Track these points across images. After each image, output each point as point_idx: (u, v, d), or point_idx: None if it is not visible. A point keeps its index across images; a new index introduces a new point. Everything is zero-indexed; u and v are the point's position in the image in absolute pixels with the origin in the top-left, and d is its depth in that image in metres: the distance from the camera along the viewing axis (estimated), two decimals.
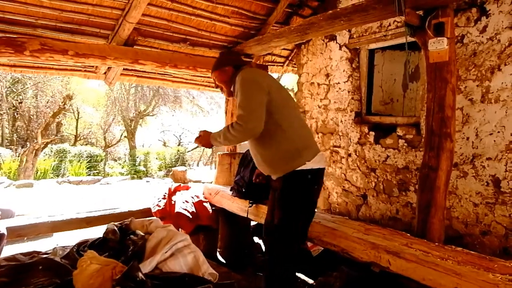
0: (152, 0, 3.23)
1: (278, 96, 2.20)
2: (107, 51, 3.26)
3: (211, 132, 2.31)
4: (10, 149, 14.62)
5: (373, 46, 3.57)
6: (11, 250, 2.55)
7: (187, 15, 3.56)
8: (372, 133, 3.43)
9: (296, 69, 4.73)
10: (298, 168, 2.15)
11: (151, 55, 3.52)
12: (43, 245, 3.86)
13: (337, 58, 3.83)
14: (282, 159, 2.19)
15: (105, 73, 3.94)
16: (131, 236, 1.52)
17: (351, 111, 3.68)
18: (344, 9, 2.73)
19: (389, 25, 3.27)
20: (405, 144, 3.13)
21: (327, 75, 3.96)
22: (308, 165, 2.16)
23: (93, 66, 3.81)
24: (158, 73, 4.20)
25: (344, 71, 3.74)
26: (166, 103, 18.87)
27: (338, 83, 3.81)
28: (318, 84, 4.09)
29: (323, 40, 4.01)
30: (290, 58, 4.86)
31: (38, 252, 1.49)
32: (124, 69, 3.88)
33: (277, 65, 4.90)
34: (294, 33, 3.26)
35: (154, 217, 1.88)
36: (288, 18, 4.16)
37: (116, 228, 1.60)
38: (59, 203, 6.67)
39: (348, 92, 3.70)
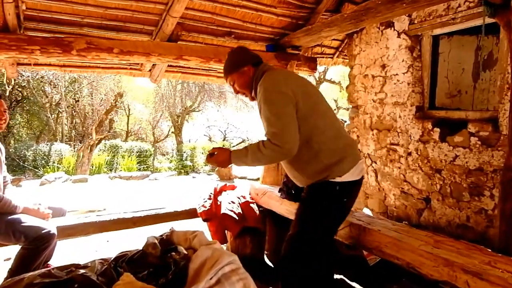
0: None
1: (304, 105, 1.91)
2: (151, 47, 3.19)
3: (229, 150, 2.01)
4: (69, 145, 15.55)
5: (438, 31, 3.17)
6: (64, 244, 2.57)
7: (231, 7, 3.39)
8: (437, 129, 3.06)
9: (347, 60, 4.40)
10: (327, 179, 1.92)
11: (195, 50, 3.40)
12: (92, 241, 3.93)
13: (395, 47, 3.46)
14: (309, 177, 1.97)
15: (150, 70, 3.90)
16: (173, 253, 1.38)
17: (411, 106, 3.31)
18: None
19: (459, 6, 2.87)
20: (479, 143, 2.73)
21: (383, 66, 3.61)
22: (338, 179, 1.92)
23: (138, 64, 3.78)
24: (203, 69, 4.09)
25: (403, 61, 3.37)
26: (211, 99, 19.09)
27: (396, 74, 3.45)
28: (373, 76, 3.74)
29: (379, 28, 3.66)
30: (340, 49, 4.53)
31: (77, 266, 1.40)
32: (168, 65, 3.82)
33: (326, 57, 4.60)
34: (347, 20, 2.97)
35: (198, 230, 1.73)
36: (338, 6, 3.85)
37: (156, 242, 1.47)
38: (110, 199, 6.89)
39: (408, 84, 3.33)
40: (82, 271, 1.28)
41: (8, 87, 8.91)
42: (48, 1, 2.80)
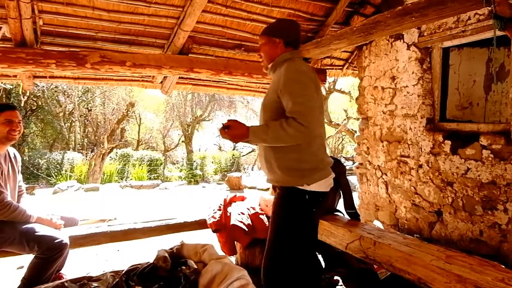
0: (207, 7, 3.16)
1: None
2: (162, 60, 3.25)
3: (246, 125, 1.89)
4: (81, 153, 15.78)
5: (448, 44, 3.16)
6: (75, 253, 2.60)
7: (241, 20, 3.45)
8: (448, 142, 3.03)
9: (357, 72, 4.41)
10: (298, 187, 1.92)
11: (206, 62, 3.46)
12: (103, 250, 3.96)
13: (404, 59, 3.46)
14: (282, 171, 1.94)
15: (161, 82, 3.96)
16: (183, 267, 1.39)
17: (421, 118, 3.29)
18: (416, 4, 2.41)
19: (469, 18, 2.86)
20: (491, 156, 2.69)
21: (393, 78, 3.61)
22: (307, 187, 1.93)
23: (150, 76, 3.85)
24: (213, 81, 4.15)
25: (413, 73, 3.37)
26: (221, 108, 19.25)
27: (406, 86, 3.45)
28: (383, 88, 3.74)
29: (388, 40, 3.66)
30: (350, 60, 4.54)
31: (89, 278, 1.42)
32: (179, 77, 3.87)
33: (336, 69, 4.61)
34: (356, 33, 2.99)
35: (208, 244, 1.74)
36: (348, 18, 3.88)
37: (167, 255, 1.49)
38: (121, 208, 6.95)
39: (418, 96, 3.32)
40: (94, 284, 1.30)
41: (24, 97, 9.12)
42: (65, 17, 2.89)
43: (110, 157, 15.11)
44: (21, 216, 2.35)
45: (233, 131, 1.88)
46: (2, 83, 6.69)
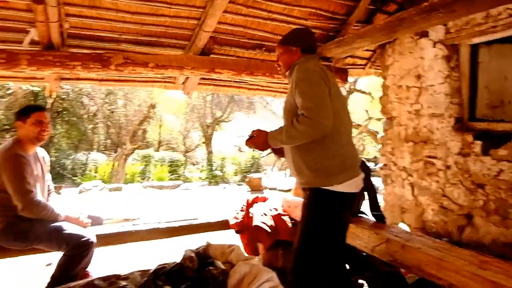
0: (228, 8, 3.16)
1: (335, 101, 1.92)
2: (184, 61, 3.26)
3: (267, 132, 1.99)
4: (105, 154, 16.16)
5: (476, 40, 3.05)
6: (99, 252, 2.65)
7: (262, 20, 3.43)
8: (478, 142, 2.91)
9: (379, 71, 4.32)
10: (325, 188, 1.91)
11: (227, 63, 3.46)
12: (126, 249, 4.00)
13: (430, 57, 3.36)
14: (311, 170, 1.94)
15: (183, 83, 3.99)
16: (211, 267, 1.39)
17: (449, 117, 3.18)
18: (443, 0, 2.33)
19: (499, 14, 2.75)
20: None
21: (418, 77, 3.50)
22: (336, 187, 1.91)
23: (171, 77, 3.88)
24: (234, 81, 4.14)
25: (439, 71, 3.26)
26: (241, 109, 19.31)
27: (432, 85, 3.34)
28: (407, 87, 3.64)
29: (413, 38, 3.56)
30: (372, 59, 4.45)
31: (117, 276, 1.43)
32: (201, 78, 3.89)
33: (357, 68, 4.53)
34: (380, 31, 2.93)
35: (234, 244, 1.73)
36: (370, 16, 3.79)
37: (194, 255, 1.48)
38: (144, 208, 7.06)
39: (446, 95, 3.21)
40: (123, 283, 1.31)
41: (50, 99, 9.42)
42: (89, 19, 2.95)
43: (132, 157, 15.41)
44: (50, 214, 2.40)
45: (256, 139, 2.01)
46: (30, 85, 6.92)
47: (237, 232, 3.23)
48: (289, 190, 6.44)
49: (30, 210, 2.31)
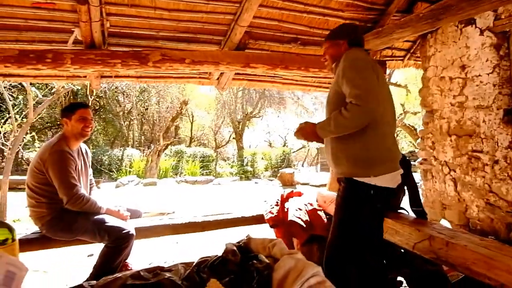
0: (263, 1, 3.13)
1: (382, 89, 1.92)
2: (220, 56, 3.28)
3: (315, 123, 2.03)
4: (139, 150, 16.67)
5: None
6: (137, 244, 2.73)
7: (298, 13, 3.38)
8: None
9: (419, 62, 4.14)
10: (360, 179, 1.89)
11: (262, 57, 3.44)
12: (162, 242, 4.11)
13: (477, 46, 3.18)
14: (349, 161, 1.92)
15: (218, 78, 4.02)
16: (254, 261, 1.38)
17: (497, 109, 3.00)
18: None
19: None
20: None
21: (463, 67, 3.33)
22: (373, 180, 1.87)
23: (207, 73, 3.92)
24: (268, 76, 4.12)
25: (487, 60, 3.08)
26: (271, 105, 19.29)
27: (479, 75, 3.16)
28: (450, 78, 3.47)
29: (457, 26, 3.38)
30: (412, 50, 4.28)
31: (161, 268, 1.47)
32: (235, 73, 3.90)
33: (396, 60, 4.37)
34: (423, 20, 2.81)
35: (276, 238, 1.72)
36: (410, 6, 3.64)
37: (235, 249, 1.49)
38: (178, 202, 7.22)
39: (494, 85, 3.03)
40: (167, 274, 1.34)
41: (90, 97, 9.82)
42: (129, 18, 3.02)
43: (165, 153, 15.79)
44: (93, 207, 2.49)
45: (304, 129, 2.06)
46: (72, 84, 7.23)
47: (271, 226, 3.22)
48: (321, 185, 6.37)
49: (74, 203, 2.41)
